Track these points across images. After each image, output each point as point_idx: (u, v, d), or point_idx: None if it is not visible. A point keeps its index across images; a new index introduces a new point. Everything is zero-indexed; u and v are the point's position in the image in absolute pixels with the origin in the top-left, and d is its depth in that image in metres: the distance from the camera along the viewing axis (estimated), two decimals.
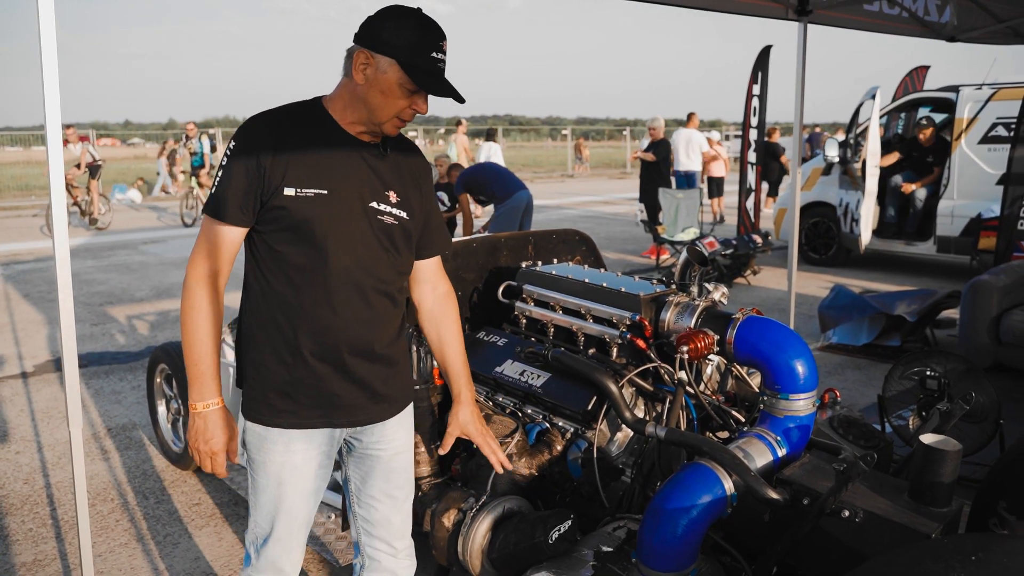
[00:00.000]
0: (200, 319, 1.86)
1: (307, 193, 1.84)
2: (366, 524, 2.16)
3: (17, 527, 3.59)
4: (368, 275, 1.94)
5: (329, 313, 1.90)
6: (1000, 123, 8.50)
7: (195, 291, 1.86)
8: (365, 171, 1.93)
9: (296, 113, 1.90)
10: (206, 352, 1.87)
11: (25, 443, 4.57)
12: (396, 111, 1.86)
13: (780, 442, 2.28)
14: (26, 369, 6.03)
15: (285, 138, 1.84)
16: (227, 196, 1.82)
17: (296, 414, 1.94)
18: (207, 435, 1.89)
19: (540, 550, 2.13)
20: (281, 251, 1.87)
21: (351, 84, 1.86)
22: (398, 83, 1.81)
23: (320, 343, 1.91)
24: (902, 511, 2.01)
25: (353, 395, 1.97)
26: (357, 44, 1.84)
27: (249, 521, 2.06)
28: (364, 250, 1.92)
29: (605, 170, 31.62)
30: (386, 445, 2.09)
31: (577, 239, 3.46)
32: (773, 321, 2.42)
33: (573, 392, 2.51)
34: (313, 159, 1.86)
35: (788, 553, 2.14)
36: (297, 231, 1.85)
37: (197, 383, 1.87)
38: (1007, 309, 5.40)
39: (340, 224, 1.88)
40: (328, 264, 1.87)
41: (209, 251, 1.86)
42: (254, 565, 2.06)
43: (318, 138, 1.88)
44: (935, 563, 1.48)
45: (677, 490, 2.07)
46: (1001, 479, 2.51)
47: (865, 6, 5.11)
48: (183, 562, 3.29)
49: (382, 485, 2.12)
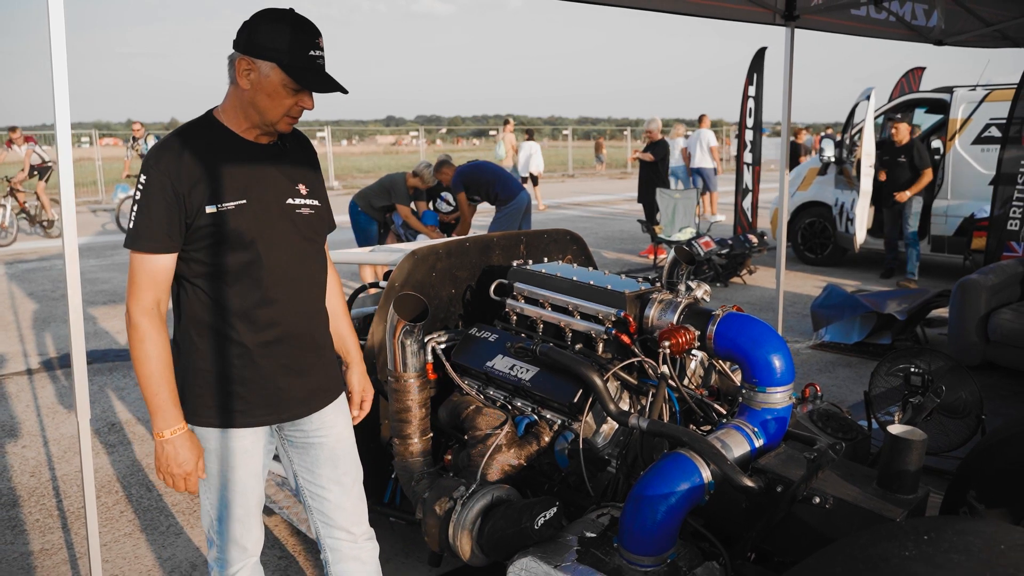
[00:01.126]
0: (152, 350, 1.90)
1: (228, 206, 1.92)
2: (321, 516, 2.24)
3: (25, 517, 3.70)
4: (300, 269, 2.06)
5: (270, 311, 2.00)
6: (993, 124, 8.59)
7: (141, 324, 1.89)
8: (273, 172, 2.03)
9: (194, 133, 1.96)
10: (164, 380, 1.92)
11: (31, 437, 4.68)
12: (284, 110, 1.94)
13: (757, 433, 2.37)
14: (31, 366, 6.13)
15: (192, 160, 1.90)
16: (152, 228, 1.87)
17: (247, 413, 2.03)
18: (179, 459, 1.94)
19: (527, 535, 2.23)
20: (215, 263, 1.94)
21: (238, 91, 1.94)
22: (282, 84, 1.89)
23: (266, 341, 2.01)
24: (870, 498, 2.11)
25: (296, 388, 2.08)
26: (237, 51, 1.91)
27: (202, 508, 2.14)
28: (292, 246, 2.03)
29: (606, 170, 31.69)
30: (327, 431, 2.19)
31: (568, 238, 3.56)
32: (751, 317, 2.51)
33: (560, 386, 2.61)
34: (225, 173, 1.93)
35: (763, 538, 2.25)
36: (227, 242, 1.93)
37: (160, 412, 1.92)
38: (995, 308, 5.49)
39: (265, 227, 1.97)
40: (263, 266, 1.97)
41: (146, 284, 1.90)
42: (219, 546, 2.14)
43: (222, 152, 1.95)
44: (890, 543, 1.58)
45: (657, 478, 2.16)
46: (971, 469, 2.60)
47: (852, 11, 5.20)
48: (185, 551, 3.39)
49: (329, 473, 2.20)
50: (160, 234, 1.87)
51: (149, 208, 1.87)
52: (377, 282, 3.94)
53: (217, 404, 2.00)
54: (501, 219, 7.45)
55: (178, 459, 1.94)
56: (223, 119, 1.99)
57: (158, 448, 1.95)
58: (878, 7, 5.20)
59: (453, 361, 2.91)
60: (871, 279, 9.23)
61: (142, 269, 1.90)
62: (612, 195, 21.81)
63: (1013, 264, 5.96)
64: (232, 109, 1.98)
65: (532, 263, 3.11)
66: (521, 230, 3.44)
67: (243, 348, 1.99)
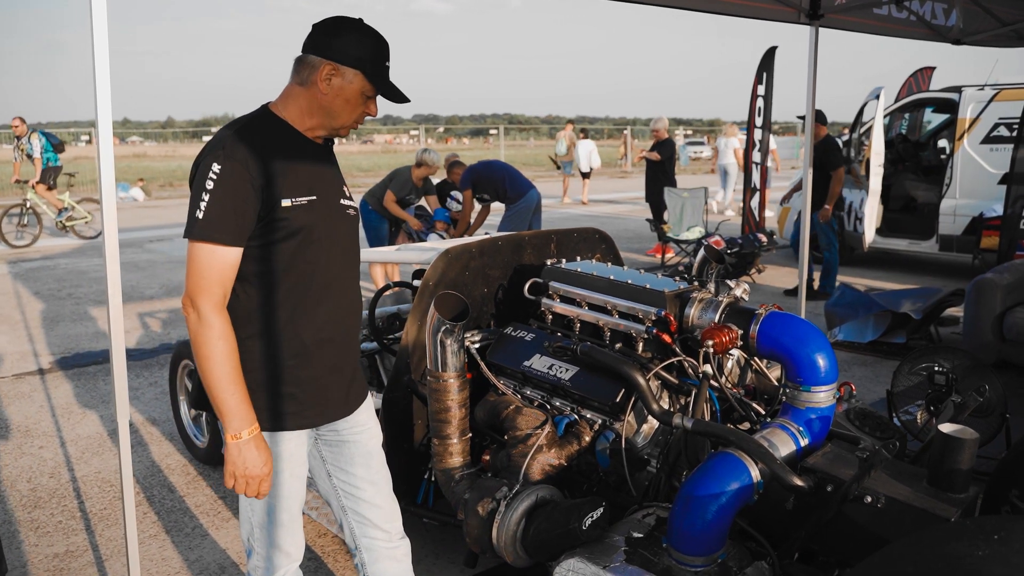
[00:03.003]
0: (227, 349, 1.85)
1: (301, 201, 1.93)
2: (356, 516, 2.23)
3: (47, 519, 3.67)
4: (350, 268, 2.09)
5: (327, 310, 2.01)
6: (1002, 123, 8.60)
7: (216, 322, 1.84)
8: (329, 171, 2.07)
9: (262, 127, 1.95)
10: (239, 380, 1.87)
11: (47, 438, 4.65)
12: (356, 117, 2.01)
13: (802, 432, 2.37)
14: (43, 366, 6.11)
15: (267, 152, 1.90)
16: (225, 219, 1.83)
17: (299, 415, 2.02)
18: (256, 462, 1.89)
19: (574, 536, 2.21)
20: (280, 259, 1.93)
21: (310, 92, 1.96)
22: (361, 91, 1.96)
23: (320, 339, 2.01)
24: (922, 497, 2.10)
25: (338, 387, 2.09)
26: (318, 55, 1.94)
27: (242, 515, 2.12)
28: (344, 246, 2.07)
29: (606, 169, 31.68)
30: (361, 430, 2.19)
31: (597, 237, 3.55)
32: (795, 316, 2.51)
33: (602, 385, 2.60)
34: (296, 168, 1.95)
35: (811, 538, 2.24)
36: (296, 238, 1.92)
37: (235, 414, 1.85)
38: (1011, 307, 5.50)
39: (329, 226, 2.00)
40: (323, 264, 1.99)
41: (216, 278, 1.84)
42: (260, 554, 2.11)
43: (292, 147, 1.97)
44: (960, 543, 1.56)
45: (707, 478, 2.15)
46: (1013, 468, 2.59)
47: (874, 10, 5.21)
48: (212, 553, 3.37)
49: (363, 472, 2.20)
50: (234, 226, 1.85)
51: (224, 198, 1.83)
52: (401, 282, 3.93)
53: (268, 407, 1.98)
54: (511, 217, 7.44)
55: (256, 462, 1.89)
56: (284, 116, 2.00)
57: (233, 451, 1.87)
58: (899, 6, 5.21)
59: (489, 360, 2.89)
60: (879, 277, 9.23)
61: (213, 261, 1.84)
62: (614, 193, 21.82)
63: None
64: (297, 108, 1.99)
65: (564, 262, 3.09)
66: (551, 229, 3.43)
67: (302, 347, 1.98)
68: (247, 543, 2.14)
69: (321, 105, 1.96)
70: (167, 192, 22.97)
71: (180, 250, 11.83)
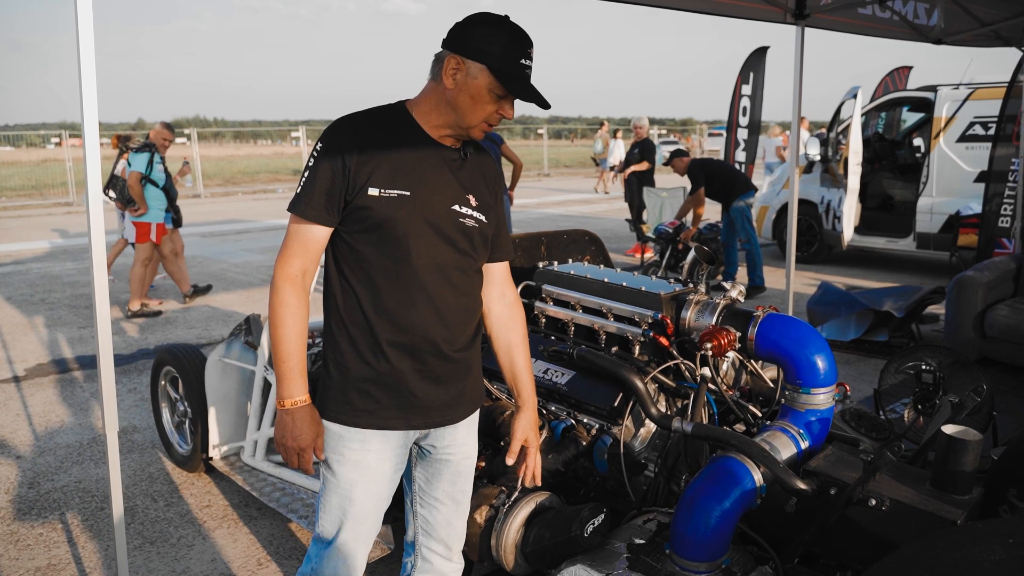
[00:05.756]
0: (288, 317, 1.89)
1: (391, 194, 1.88)
2: (426, 525, 2.18)
3: (27, 532, 3.58)
4: (448, 276, 1.97)
5: (410, 312, 1.93)
6: (977, 122, 8.71)
7: (283, 290, 1.89)
8: (447, 174, 1.97)
9: (381, 116, 1.95)
10: (294, 349, 1.90)
11: (26, 448, 4.54)
12: (484, 116, 1.90)
13: (803, 435, 2.35)
14: (18, 373, 5.97)
15: (370, 140, 1.89)
16: (313, 196, 1.87)
17: (375, 414, 1.96)
18: (295, 431, 1.90)
19: (576, 543, 2.18)
20: (363, 251, 1.91)
21: (439, 88, 1.91)
22: (488, 88, 1.86)
23: (401, 342, 1.94)
24: (926, 499, 2.09)
25: (430, 396, 2.00)
26: (448, 50, 1.89)
27: (316, 523, 2.07)
28: (444, 251, 1.96)
29: (581, 169, 31.74)
30: (456, 449, 2.12)
31: (587, 239, 3.52)
32: (793, 318, 2.49)
33: (599, 389, 2.57)
34: (397, 160, 1.90)
35: (813, 541, 2.22)
36: (380, 231, 1.89)
37: (286, 380, 1.90)
38: (991, 304, 5.56)
39: (422, 225, 1.91)
40: (410, 264, 1.91)
41: (296, 250, 1.90)
42: (314, 568, 2.06)
43: (402, 140, 1.93)
44: (975, 547, 1.55)
45: (709, 483, 2.13)
46: (1010, 467, 2.59)
47: (859, 10, 5.25)
48: (200, 564, 3.30)
49: (448, 488, 2.15)
50: (319, 203, 1.86)
51: (315, 175, 1.87)
52: None
53: (345, 400, 1.95)
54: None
55: (295, 431, 1.90)
56: (414, 111, 1.95)
57: (279, 417, 1.92)
58: (883, 6, 5.25)
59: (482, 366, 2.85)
60: (858, 275, 9.31)
61: (296, 234, 1.90)
62: (591, 193, 21.87)
63: (1006, 261, 6.04)
64: (427, 104, 1.94)
65: (556, 264, 3.06)
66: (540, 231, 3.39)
67: (378, 345, 1.93)
68: (310, 548, 2.10)
69: (447, 101, 1.90)
70: None
71: None
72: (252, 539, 3.48)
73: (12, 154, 30.99)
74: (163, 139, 7.91)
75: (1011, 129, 6.67)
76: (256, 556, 3.34)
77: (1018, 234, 6.76)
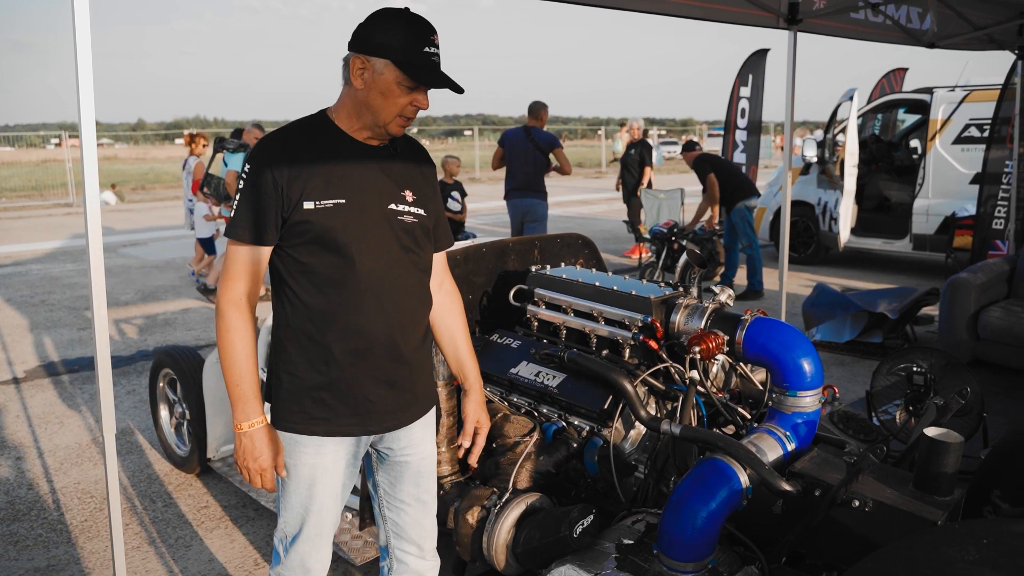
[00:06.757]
0: (237, 341, 1.90)
1: (326, 204, 1.89)
2: (396, 528, 2.22)
3: (26, 533, 3.62)
4: (395, 277, 2.00)
5: (360, 318, 1.95)
6: (973, 124, 8.74)
7: (229, 315, 1.90)
8: (379, 175, 1.99)
9: (305, 128, 1.96)
10: (247, 373, 1.91)
11: (25, 449, 4.58)
12: (398, 110, 1.91)
13: (789, 437, 2.39)
14: (17, 375, 6.01)
15: (298, 154, 1.90)
16: (250, 219, 1.88)
17: (331, 421, 1.99)
18: (255, 453, 1.92)
19: (565, 544, 2.22)
20: (307, 263, 1.93)
21: (352, 91, 1.92)
22: (396, 82, 1.87)
23: (353, 348, 1.96)
24: (909, 500, 2.13)
25: (386, 400, 2.03)
26: (352, 51, 1.90)
27: (279, 521, 2.11)
28: (388, 253, 1.98)
29: (580, 169, 31.78)
30: (413, 450, 2.16)
31: (580, 242, 3.56)
32: (780, 322, 2.53)
33: (589, 392, 2.61)
34: (327, 171, 1.91)
35: (799, 542, 2.26)
36: (321, 242, 1.91)
37: (241, 403, 1.91)
38: (985, 306, 5.59)
39: (362, 230, 1.94)
40: (355, 270, 1.93)
41: (238, 273, 1.91)
42: (284, 563, 2.11)
43: (329, 150, 1.94)
44: (950, 547, 1.59)
45: (696, 484, 2.17)
46: (995, 469, 2.63)
47: (852, 14, 5.29)
48: (197, 564, 3.34)
49: (411, 490, 2.18)
50: (255, 224, 1.88)
51: (249, 198, 1.88)
52: None
53: (299, 410, 1.98)
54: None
55: (254, 453, 1.92)
56: (335, 118, 1.97)
57: (237, 440, 1.94)
58: (875, 11, 5.28)
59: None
60: (854, 277, 9.35)
61: (236, 257, 1.91)
62: (589, 194, 21.90)
63: (1000, 262, 6.07)
64: (345, 109, 1.96)
65: (548, 268, 3.10)
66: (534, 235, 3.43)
67: (330, 354, 1.95)
68: (275, 547, 2.14)
69: (360, 102, 1.92)
70: (139, 196, 22.71)
71: (154, 255, 11.72)
72: (247, 540, 3.51)
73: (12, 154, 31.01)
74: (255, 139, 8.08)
75: (1005, 131, 6.72)
76: (253, 557, 3.38)
77: (1012, 236, 6.79)
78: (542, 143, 7.25)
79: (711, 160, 8.20)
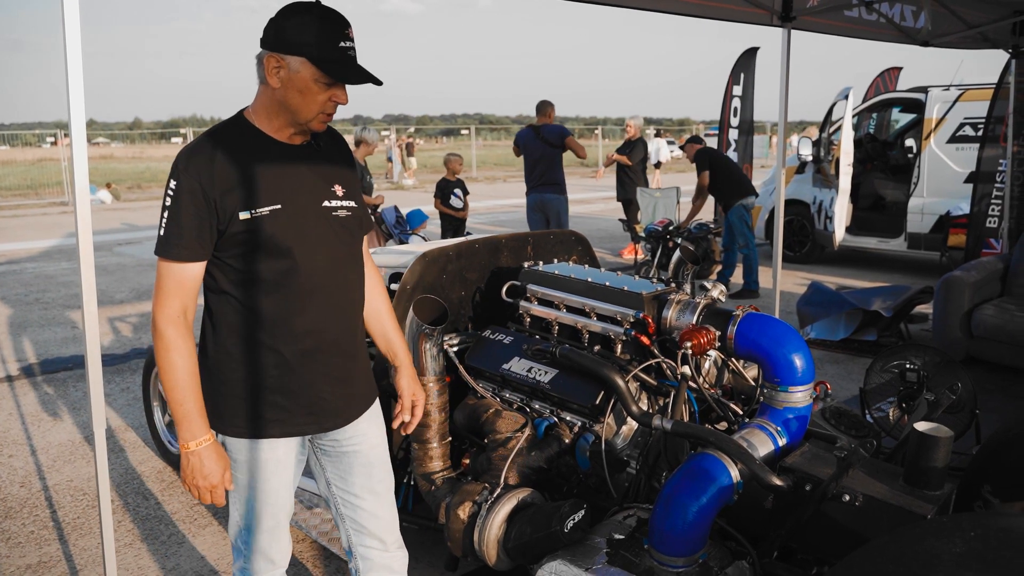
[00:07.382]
0: (178, 359, 1.85)
1: (262, 212, 1.86)
2: (354, 525, 2.21)
3: (18, 530, 3.61)
4: (338, 275, 2.01)
5: (308, 318, 1.95)
6: (967, 123, 8.76)
7: (167, 333, 1.85)
8: (308, 175, 1.97)
9: (225, 135, 1.90)
10: (189, 391, 1.87)
11: (17, 446, 4.57)
12: (319, 107, 1.87)
13: (780, 432, 2.39)
14: (11, 372, 6.00)
15: (224, 163, 1.84)
16: (182, 235, 1.82)
17: (286, 422, 1.99)
18: (204, 471, 1.89)
19: (556, 539, 2.22)
20: (249, 269, 1.90)
21: (269, 90, 1.87)
22: (313, 79, 1.82)
23: (303, 349, 1.96)
24: (899, 494, 2.13)
25: (337, 396, 2.04)
26: (265, 49, 1.85)
27: (231, 518, 2.11)
28: (329, 251, 1.98)
29: (577, 168, 31.76)
30: (361, 440, 2.15)
31: (573, 239, 3.56)
32: (771, 317, 2.53)
33: (581, 387, 2.61)
34: (258, 177, 1.87)
35: (790, 536, 2.26)
36: (263, 249, 1.88)
37: (186, 422, 1.87)
38: (978, 304, 5.60)
39: (302, 233, 1.92)
40: (299, 272, 1.92)
41: (172, 291, 1.85)
42: (247, 558, 2.12)
43: (255, 154, 1.89)
44: (937, 540, 1.59)
45: (687, 479, 2.17)
46: (985, 464, 2.64)
47: (845, 12, 5.29)
48: (190, 561, 3.33)
49: (363, 481, 2.17)
50: (190, 241, 1.83)
51: (178, 214, 1.82)
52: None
53: (252, 414, 1.96)
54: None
55: (203, 471, 1.89)
56: (254, 120, 1.93)
57: (184, 459, 1.90)
58: (869, 9, 5.29)
59: (467, 364, 2.89)
60: (849, 275, 9.36)
61: (170, 276, 1.85)
62: (587, 193, 21.89)
63: (993, 261, 6.08)
64: (263, 109, 1.91)
65: (542, 264, 3.10)
66: (527, 231, 3.43)
67: (280, 357, 1.95)
68: (234, 544, 2.14)
69: (278, 101, 1.87)
70: (135, 194, 22.68)
71: (149, 253, 11.69)
72: None
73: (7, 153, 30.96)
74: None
75: (999, 130, 6.73)
76: None
77: (1005, 234, 6.81)
78: (551, 138, 7.70)
79: (711, 157, 8.19)
